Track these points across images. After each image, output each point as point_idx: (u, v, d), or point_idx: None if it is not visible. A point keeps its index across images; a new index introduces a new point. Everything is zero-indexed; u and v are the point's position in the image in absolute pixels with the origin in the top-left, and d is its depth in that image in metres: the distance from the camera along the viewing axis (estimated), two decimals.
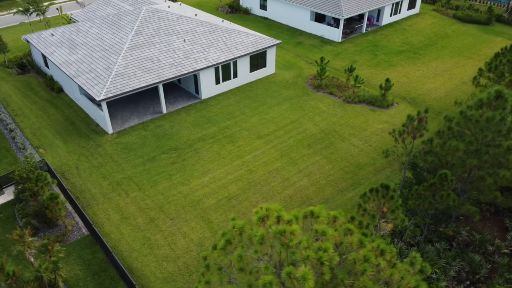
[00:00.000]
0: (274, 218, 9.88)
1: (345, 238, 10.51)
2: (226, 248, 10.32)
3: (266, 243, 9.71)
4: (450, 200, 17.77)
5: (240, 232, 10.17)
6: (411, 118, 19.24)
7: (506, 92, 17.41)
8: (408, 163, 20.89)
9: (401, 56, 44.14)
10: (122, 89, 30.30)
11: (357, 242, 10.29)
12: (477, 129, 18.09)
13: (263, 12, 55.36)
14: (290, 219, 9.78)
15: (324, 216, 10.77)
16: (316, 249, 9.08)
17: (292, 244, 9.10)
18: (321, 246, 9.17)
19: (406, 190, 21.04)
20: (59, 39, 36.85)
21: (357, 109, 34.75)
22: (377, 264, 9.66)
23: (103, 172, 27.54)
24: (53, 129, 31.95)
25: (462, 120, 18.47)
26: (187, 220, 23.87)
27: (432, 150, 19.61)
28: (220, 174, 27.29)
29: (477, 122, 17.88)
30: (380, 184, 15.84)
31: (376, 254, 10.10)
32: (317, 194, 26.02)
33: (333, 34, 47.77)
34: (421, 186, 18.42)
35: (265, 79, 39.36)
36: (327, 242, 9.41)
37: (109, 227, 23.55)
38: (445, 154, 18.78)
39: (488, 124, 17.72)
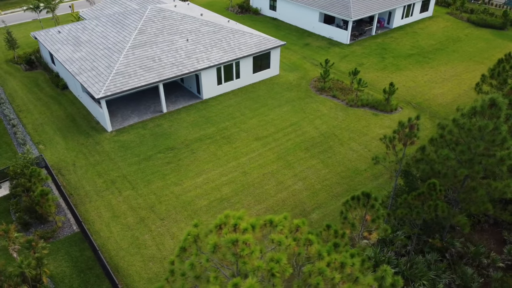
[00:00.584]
0: (230, 226, 9.62)
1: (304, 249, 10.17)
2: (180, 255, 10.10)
3: (222, 252, 9.45)
4: (438, 211, 17.17)
5: (194, 240, 9.93)
6: (402, 125, 18.68)
7: (500, 100, 16.73)
8: (399, 171, 20.32)
9: (409, 60, 43.23)
10: (122, 87, 30.44)
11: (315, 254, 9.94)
12: (470, 138, 17.46)
13: (272, 12, 55.04)
14: (246, 228, 9.49)
15: (285, 225, 10.42)
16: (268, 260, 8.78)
17: (244, 254, 8.83)
18: (273, 257, 8.87)
19: (398, 198, 20.47)
20: (65, 36, 37.30)
21: (359, 113, 34.14)
22: (332, 278, 9.30)
23: (98, 169, 27.70)
24: (55, 126, 32.33)
25: (455, 128, 17.84)
26: (177, 221, 23.78)
27: (424, 158, 19.02)
28: (214, 175, 27.13)
29: (469, 131, 17.25)
30: (361, 192, 15.39)
31: (335, 267, 9.73)
32: (311, 199, 25.61)
33: (341, 36, 47.13)
34: (410, 195, 17.87)
35: (269, 80, 39.05)
36: (280, 253, 9.09)
37: (99, 225, 23.64)
38: (436, 163, 18.18)
39: (480, 133, 17.07)
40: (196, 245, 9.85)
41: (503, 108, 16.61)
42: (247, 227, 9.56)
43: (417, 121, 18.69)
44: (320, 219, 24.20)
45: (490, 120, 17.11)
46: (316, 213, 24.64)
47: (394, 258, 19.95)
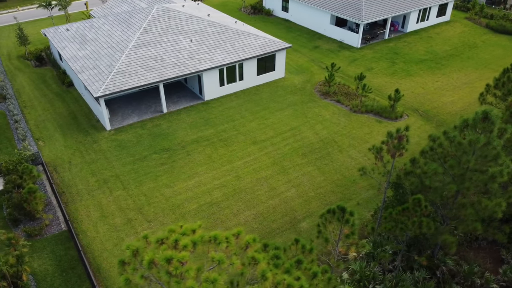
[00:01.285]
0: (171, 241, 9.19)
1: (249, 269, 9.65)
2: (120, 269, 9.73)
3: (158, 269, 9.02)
4: (423, 228, 16.33)
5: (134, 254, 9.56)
6: (391, 136, 17.87)
7: (493, 114, 15.76)
8: (388, 183, 19.48)
9: (421, 65, 41.90)
10: (121, 86, 30.46)
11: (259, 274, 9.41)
12: (460, 152, 16.53)
13: (284, 14, 54.41)
14: (186, 244, 9.05)
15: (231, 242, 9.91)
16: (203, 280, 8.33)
17: (177, 273, 8.40)
18: (209, 277, 8.41)
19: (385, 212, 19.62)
20: (73, 34, 37.68)
21: (362, 119, 33.21)
22: None
23: (93, 168, 27.76)
24: (56, 123, 32.65)
25: (445, 141, 16.94)
26: (163, 224, 23.55)
27: (413, 171, 18.16)
28: (207, 179, 26.80)
29: (459, 145, 16.33)
30: (337, 206, 14.73)
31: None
32: (303, 207, 24.96)
33: (352, 39, 46.12)
34: (395, 210, 17.08)
35: (273, 83, 38.50)
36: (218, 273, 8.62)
37: (87, 224, 23.63)
38: (425, 176, 17.31)
39: (471, 148, 16.13)
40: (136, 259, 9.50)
41: (496, 122, 15.65)
42: (187, 244, 9.10)
43: (406, 132, 17.86)
44: (310, 228, 23.53)
45: (482, 134, 16.18)
46: (306, 222, 23.98)
47: (380, 273, 19.17)
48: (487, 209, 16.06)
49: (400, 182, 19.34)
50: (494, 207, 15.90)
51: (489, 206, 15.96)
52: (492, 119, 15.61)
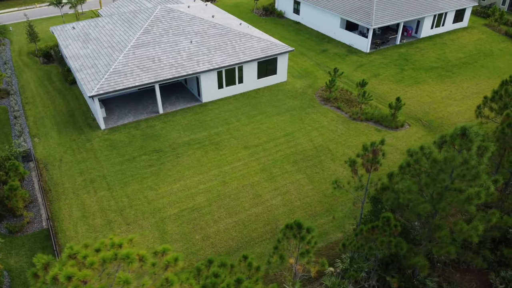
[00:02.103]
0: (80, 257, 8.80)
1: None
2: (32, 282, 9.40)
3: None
4: (392, 248, 15.42)
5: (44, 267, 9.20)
6: (366, 149, 17.00)
7: (472, 130, 14.72)
8: (364, 198, 18.57)
9: (430, 73, 40.36)
10: (116, 86, 30.51)
11: None
12: (436, 170, 15.54)
13: (296, 16, 53.61)
14: (93, 262, 8.64)
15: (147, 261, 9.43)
16: None
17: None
18: None
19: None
20: (78, 32, 38.10)
21: (361, 127, 32.17)
22: None
23: (82, 167, 27.86)
24: (54, 120, 33.02)
25: (422, 157, 15.97)
26: (142, 227, 23.33)
27: (390, 187, 17.24)
28: (192, 183, 26.44)
29: (435, 162, 15.35)
30: (294, 221, 14.03)
31: None
32: (286, 216, 24.26)
33: (361, 44, 44.93)
34: (365, 228, 16.22)
35: (274, 86, 37.84)
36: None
37: (67, 223, 23.67)
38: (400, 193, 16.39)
39: (446, 166, 15.13)
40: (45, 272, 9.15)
41: (474, 140, 14.60)
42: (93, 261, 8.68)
43: (381, 146, 16.96)
44: None
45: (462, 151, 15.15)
46: None
47: None
48: (462, 232, 15.01)
49: (379, 197, 18.42)
50: (470, 231, 14.84)
51: (465, 229, 14.90)
52: (470, 137, 14.56)
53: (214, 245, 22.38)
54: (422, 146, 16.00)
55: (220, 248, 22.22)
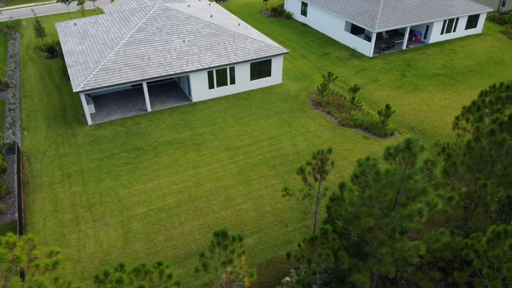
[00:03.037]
0: None
1: None
2: None
3: None
4: (329, 262, 14.75)
5: None
6: (315, 157, 16.35)
7: (416, 143, 13.88)
8: (317, 208, 17.87)
9: (433, 80, 38.84)
10: (102, 83, 30.82)
11: None
12: (381, 183, 14.76)
13: (303, 18, 52.87)
14: None
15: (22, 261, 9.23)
16: None
17: None
18: None
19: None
20: (78, 29, 38.79)
21: (349, 134, 31.27)
22: None
23: (62, 161, 28.28)
24: (46, 114, 33.72)
25: (368, 169, 15.21)
26: (107, 225, 23.40)
27: (339, 197, 16.55)
28: (166, 183, 26.35)
29: (377, 175, 14.58)
30: (220, 229, 13.57)
31: None
32: (255, 221, 23.80)
33: (364, 48, 43.78)
34: (306, 239, 15.61)
35: (268, 89, 37.35)
36: None
37: (38, 216, 24.03)
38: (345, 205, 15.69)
39: (388, 179, 14.34)
40: None
41: (417, 152, 13.77)
42: None
43: (329, 155, 16.28)
44: (256, 245, 22.36)
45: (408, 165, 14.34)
46: (253, 237, 22.81)
47: None
48: (402, 251, 14.18)
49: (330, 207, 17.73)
50: (411, 250, 13.99)
51: (405, 248, 14.07)
52: (413, 150, 13.74)
53: (175, 247, 22.18)
54: (368, 157, 15.24)
55: (181, 251, 22.00)
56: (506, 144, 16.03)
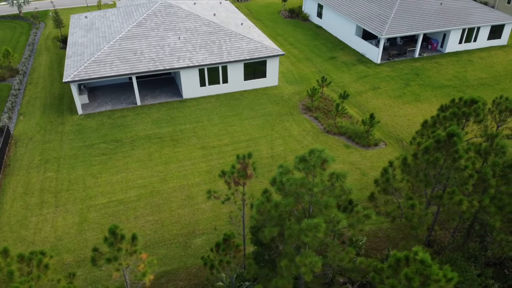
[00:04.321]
0: None
1: None
2: None
3: None
4: (231, 270, 14.38)
5: None
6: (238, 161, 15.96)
7: (317, 154, 13.26)
8: (243, 214, 17.43)
9: (437, 91, 36.80)
10: (92, 75, 31.82)
11: None
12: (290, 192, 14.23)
13: (318, 20, 51.87)
14: None
15: None
16: None
17: None
18: None
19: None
20: (86, 22, 40.30)
21: (331, 141, 30.31)
22: None
23: (45, 148, 29.50)
24: (44, 101, 35.33)
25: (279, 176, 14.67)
26: (67, 212, 24.15)
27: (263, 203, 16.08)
28: (133, 176, 26.80)
29: (281, 184, 14.05)
30: (109, 228, 13.56)
31: None
32: (209, 222, 23.64)
33: (373, 54, 42.24)
34: (214, 245, 15.31)
35: (262, 90, 36.98)
36: None
37: (8, 197, 25.23)
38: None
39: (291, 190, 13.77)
40: None
41: (316, 164, 13.13)
42: None
43: (249, 160, 15.85)
44: (203, 245, 22.24)
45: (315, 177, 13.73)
46: (203, 238, 22.69)
47: None
48: (297, 266, 13.56)
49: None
50: (306, 265, 13.33)
51: (299, 262, 13.43)
52: (312, 161, 13.12)
53: None
54: (281, 165, 14.69)
55: None
56: (440, 163, 14.89)
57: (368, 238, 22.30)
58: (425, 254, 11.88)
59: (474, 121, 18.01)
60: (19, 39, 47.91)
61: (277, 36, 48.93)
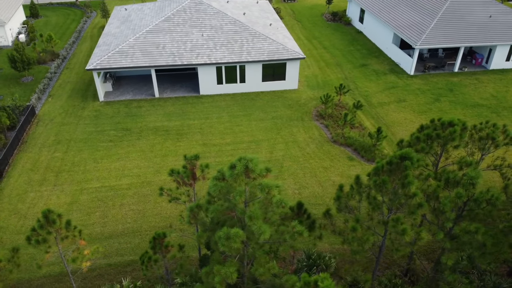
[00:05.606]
0: None
1: None
2: None
3: None
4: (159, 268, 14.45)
5: None
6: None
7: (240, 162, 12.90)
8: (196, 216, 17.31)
9: (469, 110, 33.99)
10: (113, 64, 33.36)
11: None
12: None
13: (360, 25, 50.06)
14: None
15: None
16: None
17: None
18: None
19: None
20: (124, 14, 42.26)
21: (334, 152, 29.21)
22: None
23: (61, 129, 31.47)
24: (73, 86, 37.65)
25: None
26: (63, 191, 25.59)
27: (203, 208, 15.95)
28: (131, 165, 27.73)
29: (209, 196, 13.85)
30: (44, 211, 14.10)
31: None
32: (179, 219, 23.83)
33: (407, 64, 39.97)
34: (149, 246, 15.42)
35: (280, 92, 36.49)
36: None
37: (16, 172, 27.27)
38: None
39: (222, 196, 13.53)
40: None
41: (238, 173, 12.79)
42: None
43: (196, 162, 15.75)
44: (176, 240, 22.50)
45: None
46: (176, 233, 22.96)
47: None
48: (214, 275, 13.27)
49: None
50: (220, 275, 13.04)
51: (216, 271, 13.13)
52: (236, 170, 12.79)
53: (105, 225, 23.41)
54: (219, 170, 14.45)
55: (107, 229, 23.13)
56: (388, 187, 13.82)
57: (342, 258, 21.28)
58: (330, 283, 11.09)
59: (450, 146, 16.40)
60: (70, 25, 51.40)
61: (312, 39, 47.95)
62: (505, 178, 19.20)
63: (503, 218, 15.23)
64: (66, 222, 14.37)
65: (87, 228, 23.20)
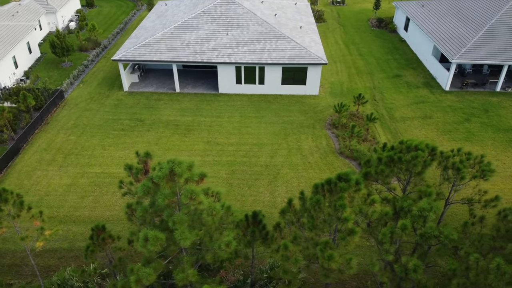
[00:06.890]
0: None
1: None
2: None
3: None
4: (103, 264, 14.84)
5: None
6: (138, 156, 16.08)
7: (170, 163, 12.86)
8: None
9: (501, 134, 30.97)
10: (137, 57, 34.67)
11: None
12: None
13: (404, 33, 47.55)
14: None
15: None
16: None
17: None
18: None
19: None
20: (162, 9, 43.73)
21: (337, 164, 28.08)
22: None
23: (82, 115, 33.34)
24: (105, 74, 39.70)
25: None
26: (66, 173, 27.11)
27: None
28: (134, 155, 28.64)
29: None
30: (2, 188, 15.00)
31: None
32: None
33: (443, 79, 37.30)
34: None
35: (298, 97, 35.73)
36: None
37: (31, 150, 29.36)
38: None
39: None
40: None
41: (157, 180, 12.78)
42: None
43: (149, 158, 15.91)
44: None
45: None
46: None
47: None
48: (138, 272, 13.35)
49: None
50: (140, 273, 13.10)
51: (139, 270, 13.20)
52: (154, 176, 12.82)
53: (94, 209, 24.45)
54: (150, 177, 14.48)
55: (95, 213, 24.14)
56: (322, 207, 13.06)
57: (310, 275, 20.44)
58: None
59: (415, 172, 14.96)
60: (119, 17, 54.19)
61: (350, 45, 46.33)
62: (472, 215, 17.25)
63: (459, 259, 13.70)
64: (19, 202, 15.23)
65: (78, 210, 24.41)
